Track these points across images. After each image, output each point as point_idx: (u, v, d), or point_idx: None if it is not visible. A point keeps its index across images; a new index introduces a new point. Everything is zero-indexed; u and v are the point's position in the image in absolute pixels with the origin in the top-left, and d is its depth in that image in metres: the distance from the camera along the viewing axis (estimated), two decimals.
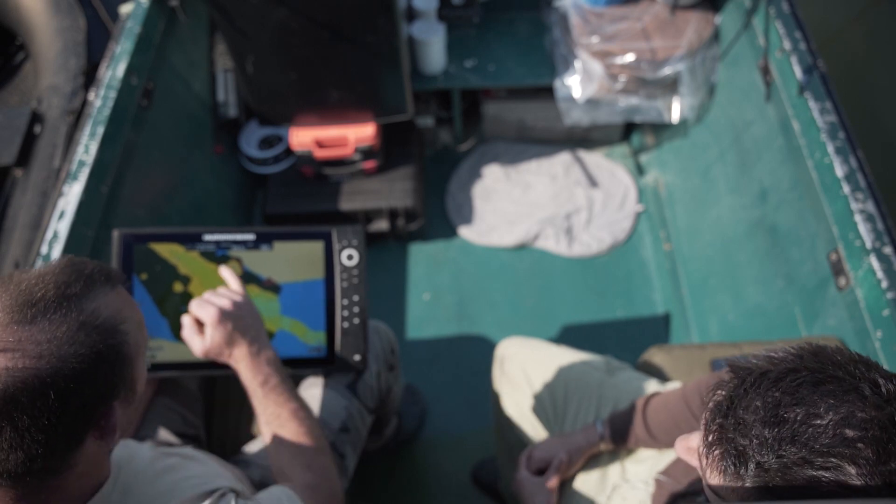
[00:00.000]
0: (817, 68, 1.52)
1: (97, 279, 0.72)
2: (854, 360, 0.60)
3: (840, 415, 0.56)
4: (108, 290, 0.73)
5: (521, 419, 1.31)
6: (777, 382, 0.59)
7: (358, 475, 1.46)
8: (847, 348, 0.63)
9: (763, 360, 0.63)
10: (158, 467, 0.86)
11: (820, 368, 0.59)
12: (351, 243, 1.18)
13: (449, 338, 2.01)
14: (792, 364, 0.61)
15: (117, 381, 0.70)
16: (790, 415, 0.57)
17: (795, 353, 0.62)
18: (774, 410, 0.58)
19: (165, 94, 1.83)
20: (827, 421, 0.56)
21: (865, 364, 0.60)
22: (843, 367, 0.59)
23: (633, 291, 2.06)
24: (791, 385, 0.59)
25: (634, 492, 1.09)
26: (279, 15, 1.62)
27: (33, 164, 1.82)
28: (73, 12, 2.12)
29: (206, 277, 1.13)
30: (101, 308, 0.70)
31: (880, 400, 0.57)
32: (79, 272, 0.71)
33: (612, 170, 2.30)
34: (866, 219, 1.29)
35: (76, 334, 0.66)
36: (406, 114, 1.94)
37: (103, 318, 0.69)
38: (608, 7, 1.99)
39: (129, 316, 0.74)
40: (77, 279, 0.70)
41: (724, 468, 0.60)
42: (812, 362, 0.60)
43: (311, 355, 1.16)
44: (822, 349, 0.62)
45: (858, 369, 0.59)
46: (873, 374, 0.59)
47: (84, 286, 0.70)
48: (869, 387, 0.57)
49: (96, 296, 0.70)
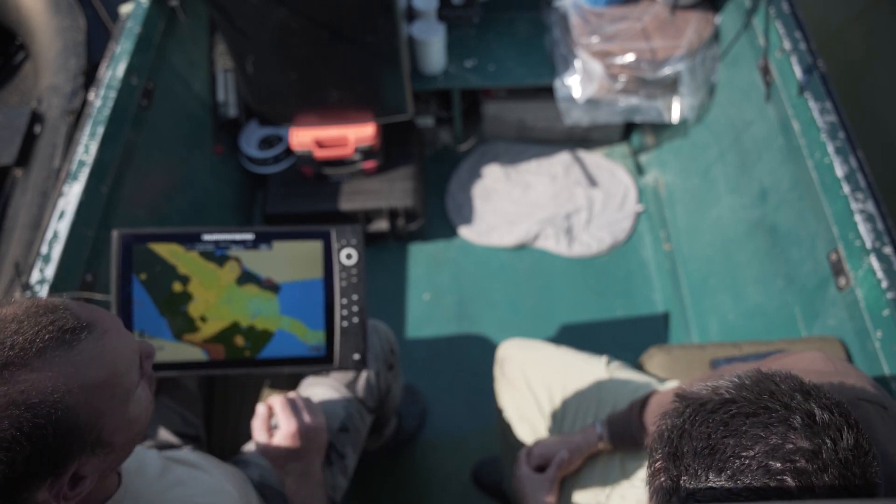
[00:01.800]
0: (817, 68, 1.52)
1: (45, 345, 0.62)
2: (794, 390, 0.60)
3: (768, 446, 0.56)
4: (59, 354, 0.63)
5: (521, 421, 1.31)
6: (713, 413, 0.60)
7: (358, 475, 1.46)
8: (797, 377, 0.62)
9: (708, 389, 0.63)
10: (168, 480, 0.86)
11: (755, 399, 0.59)
12: (350, 242, 1.18)
13: (449, 338, 2.00)
14: (730, 395, 0.61)
15: (65, 451, 0.63)
16: (720, 446, 0.58)
17: (737, 382, 0.62)
18: (706, 442, 0.58)
19: (165, 94, 1.83)
20: (754, 452, 0.56)
21: (806, 393, 0.59)
22: (779, 396, 0.59)
23: (633, 291, 2.06)
24: (724, 416, 0.59)
25: (633, 490, 1.09)
26: (279, 15, 1.62)
27: (33, 164, 1.82)
28: (73, 12, 2.12)
29: (206, 277, 1.14)
30: (40, 382, 0.61)
31: (810, 431, 0.56)
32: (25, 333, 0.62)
33: (612, 170, 2.30)
34: (866, 219, 1.29)
35: (4, 412, 0.59)
36: (406, 114, 1.94)
37: (37, 398, 0.60)
38: (608, 7, 1.99)
39: (82, 383, 0.64)
40: (21, 344, 0.62)
41: (662, 496, 0.61)
42: (749, 392, 0.60)
43: (311, 354, 1.16)
44: (765, 377, 0.62)
45: (795, 399, 0.58)
46: (810, 403, 0.58)
47: (24, 354, 0.61)
48: (801, 417, 0.57)
49: (38, 366, 0.61)
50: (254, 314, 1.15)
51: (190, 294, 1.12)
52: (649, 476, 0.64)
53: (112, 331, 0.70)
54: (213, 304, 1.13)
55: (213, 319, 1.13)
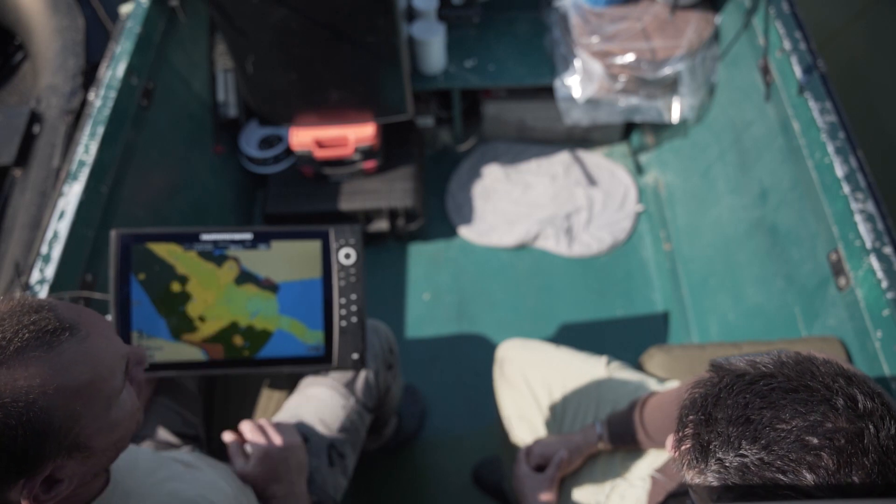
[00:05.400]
0: (817, 68, 1.52)
1: (24, 346, 0.62)
2: (836, 374, 0.60)
3: (807, 422, 0.56)
4: (38, 354, 0.62)
5: (520, 421, 1.30)
6: (751, 385, 0.60)
7: (358, 475, 1.46)
8: (837, 363, 0.62)
9: (745, 362, 0.63)
10: (159, 476, 0.86)
11: (796, 377, 0.59)
12: (349, 242, 1.18)
13: (449, 338, 2.00)
14: (769, 369, 0.61)
15: (37, 453, 0.62)
16: (756, 416, 0.58)
17: (777, 359, 0.62)
18: (742, 411, 0.59)
19: (165, 94, 1.83)
20: (791, 426, 0.56)
21: (848, 379, 0.59)
22: (821, 378, 0.59)
23: (633, 291, 2.06)
24: (763, 388, 0.59)
25: (633, 489, 1.09)
26: (279, 15, 1.62)
27: (32, 164, 1.82)
28: (71, 12, 2.12)
29: (204, 277, 1.13)
30: (15, 382, 0.61)
31: (853, 414, 0.56)
32: (4, 333, 0.62)
33: (612, 170, 2.29)
34: (866, 219, 1.28)
35: None
36: (406, 114, 1.94)
37: (9, 398, 0.60)
38: (608, 7, 1.99)
39: (60, 385, 0.63)
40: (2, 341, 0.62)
41: (689, 462, 0.62)
42: (790, 370, 0.60)
43: (310, 354, 1.16)
44: (806, 360, 0.62)
45: (838, 382, 0.59)
46: (853, 389, 0.58)
47: (5, 353, 0.61)
48: (844, 400, 0.57)
49: (15, 364, 0.61)
50: (253, 314, 1.15)
51: (188, 294, 1.12)
52: (676, 442, 0.64)
53: (96, 334, 0.68)
54: (212, 303, 1.13)
55: (212, 319, 1.13)
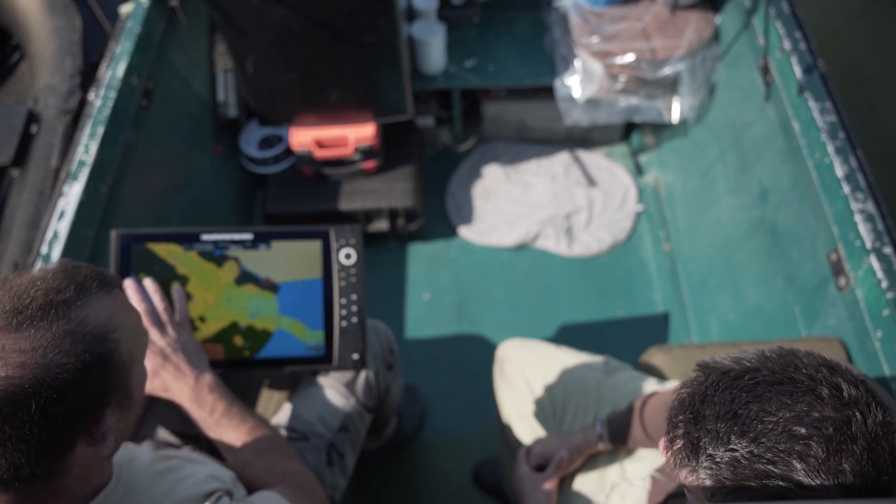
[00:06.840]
0: (817, 68, 1.52)
1: (89, 285, 0.70)
2: (819, 364, 0.61)
3: (793, 413, 0.57)
4: (101, 295, 0.71)
5: (520, 421, 1.30)
6: (736, 380, 0.61)
7: (358, 475, 1.46)
8: (818, 354, 0.63)
9: (729, 360, 0.64)
10: (158, 468, 0.87)
11: (780, 370, 0.60)
12: (349, 242, 1.18)
13: (449, 338, 2.00)
14: (753, 364, 0.62)
15: (107, 390, 0.69)
16: (744, 411, 0.59)
17: (761, 354, 0.63)
18: (729, 406, 0.60)
19: (165, 93, 1.83)
20: (778, 418, 0.57)
21: (831, 369, 0.60)
22: (805, 369, 0.60)
23: (633, 291, 2.06)
24: (749, 383, 0.60)
25: (633, 489, 1.09)
26: (279, 15, 1.62)
27: (30, 164, 1.82)
28: (69, 12, 2.12)
29: (205, 277, 1.13)
30: (91, 316, 0.68)
31: (839, 402, 0.57)
32: (70, 278, 0.69)
33: (611, 170, 2.29)
34: (866, 219, 1.28)
35: (62, 343, 0.64)
36: (406, 114, 1.94)
37: (92, 327, 0.67)
38: (608, 7, 1.99)
39: (122, 322, 0.72)
40: (68, 285, 0.68)
41: (681, 461, 0.62)
42: (774, 364, 0.61)
43: (310, 354, 1.16)
44: (789, 353, 0.63)
45: (821, 373, 0.60)
46: (837, 378, 0.59)
47: (75, 293, 0.68)
48: (829, 389, 0.58)
49: (87, 303, 0.69)
50: (253, 314, 1.15)
51: (189, 294, 1.12)
52: (667, 442, 0.65)
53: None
54: (212, 303, 1.13)
55: (212, 319, 1.13)
